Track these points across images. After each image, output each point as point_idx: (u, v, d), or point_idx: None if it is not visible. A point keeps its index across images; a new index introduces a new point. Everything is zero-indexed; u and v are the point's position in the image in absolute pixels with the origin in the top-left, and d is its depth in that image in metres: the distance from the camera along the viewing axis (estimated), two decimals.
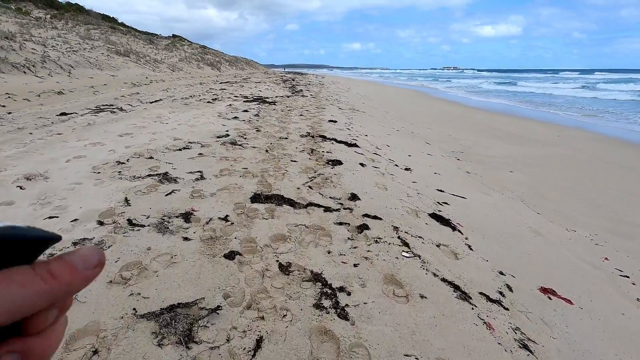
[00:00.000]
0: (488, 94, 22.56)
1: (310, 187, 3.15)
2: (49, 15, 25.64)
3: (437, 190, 3.66)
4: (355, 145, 5.21)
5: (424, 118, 11.36)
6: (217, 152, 4.00)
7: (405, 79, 49.96)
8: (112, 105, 6.96)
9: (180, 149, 3.94)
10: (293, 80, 23.64)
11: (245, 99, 9.97)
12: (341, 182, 3.34)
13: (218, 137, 4.82)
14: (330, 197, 2.93)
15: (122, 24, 34.70)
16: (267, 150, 4.33)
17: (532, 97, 20.04)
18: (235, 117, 6.64)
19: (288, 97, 11.92)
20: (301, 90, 15.27)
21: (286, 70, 64.58)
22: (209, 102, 8.78)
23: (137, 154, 3.63)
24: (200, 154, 3.84)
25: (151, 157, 3.52)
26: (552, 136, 8.95)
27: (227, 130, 5.35)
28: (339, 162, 4.08)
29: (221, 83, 16.48)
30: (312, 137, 5.53)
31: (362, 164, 4.15)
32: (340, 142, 5.34)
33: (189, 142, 4.31)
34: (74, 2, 31.92)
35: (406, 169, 4.37)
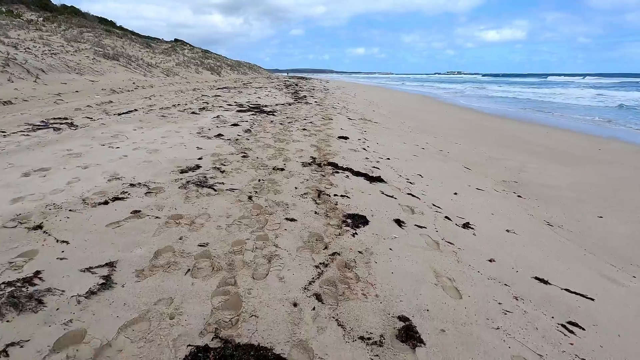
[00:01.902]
0: (468, 98, 21.47)
1: (318, 297, 1.62)
2: (42, 18, 24.56)
3: (536, 279, 2.11)
4: (379, 179, 3.68)
5: (444, 129, 9.81)
6: (167, 205, 2.48)
7: (399, 83, 48.68)
8: (65, 119, 5.51)
9: (105, 202, 2.43)
10: (296, 85, 22.25)
11: (240, 108, 8.52)
12: (374, 277, 1.82)
13: (183, 170, 3.31)
14: (361, 337, 1.40)
15: (120, 27, 33.57)
16: (250, 197, 2.81)
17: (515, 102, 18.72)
18: (219, 135, 5.14)
19: (290, 104, 10.45)
20: (305, 96, 13.82)
21: (289, 74, 63.24)
22: (193, 112, 7.31)
23: (20, 217, 2.12)
24: (136, 212, 2.32)
25: (38, 227, 2.01)
26: (593, 149, 7.48)
27: (201, 157, 3.85)
28: (364, 220, 2.55)
29: (218, 89, 15.08)
30: (319, 165, 4.02)
31: (398, 222, 2.61)
32: (359, 173, 3.82)
33: (131, 185, 2.80)
34: (69, 5, 30.86)
35: (465, 226, 2.83)
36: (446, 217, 2.95)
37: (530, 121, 11.89)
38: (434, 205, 3.20)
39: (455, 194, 3.76)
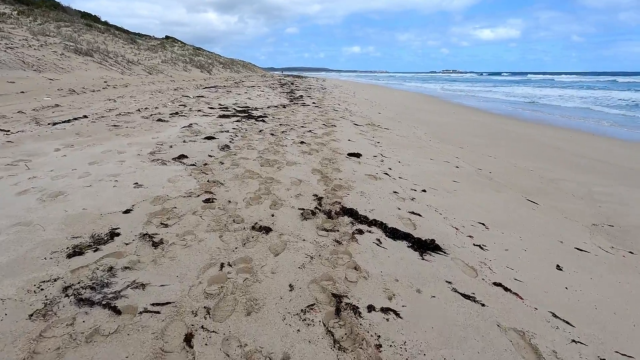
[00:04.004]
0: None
1: None
2: (16, 12, 22.73)
3: None
4: (434, 246, 2.15)
5: (464, 136, 8.27)
6: None
7: (384, 82, 47.54)
8: None
9: None
10: (292, 84, 20.67)
11: (224, 112, 6.94)
12: None
13: (75, 249, 1.74)
14: None
15: (105, 23, 31.64)
16: (189, 338, 1.25)
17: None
18: (181, 157, 3.57)
19: (284, 106, 8.89)
20: (301, 96, 12.25)
21: (284, 73, 61.28)
22: (160, 119, 5.72)
23: None
24: None
25: None
26: (635, 160, 6.23)
27: (131, 209, 2.28)
28: None
29: (204, 88, 13.45)
30: (329, 215, 2.47)
31: None
32: (395, 233, 2.28)
33: None
34: None
35: None
36: None
37: (541, 122, 10.57)
38: (554, 315, 1.67)
39: (560, 268, 2.24)
